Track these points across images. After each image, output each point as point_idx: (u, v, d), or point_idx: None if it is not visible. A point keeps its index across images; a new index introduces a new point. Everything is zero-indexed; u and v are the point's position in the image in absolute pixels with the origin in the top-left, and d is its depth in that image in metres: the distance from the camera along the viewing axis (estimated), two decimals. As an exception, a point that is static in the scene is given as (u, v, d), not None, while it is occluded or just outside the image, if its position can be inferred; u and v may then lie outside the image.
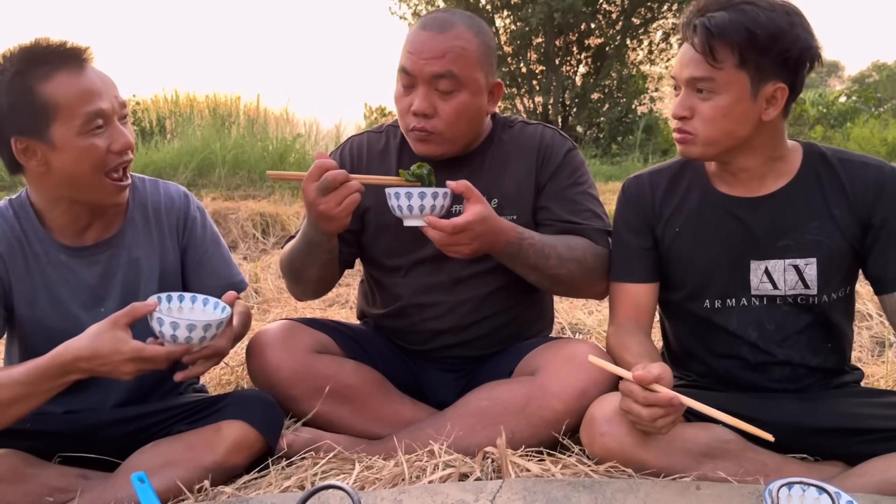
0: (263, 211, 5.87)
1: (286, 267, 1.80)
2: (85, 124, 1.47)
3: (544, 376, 1.63)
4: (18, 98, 1.45)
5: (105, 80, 1.53)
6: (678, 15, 16.30)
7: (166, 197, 1.74)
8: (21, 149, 1.48)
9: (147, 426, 1.62)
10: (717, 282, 1.61)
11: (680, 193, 1.66)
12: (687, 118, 1.50)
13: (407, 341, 1.90)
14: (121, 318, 1.39)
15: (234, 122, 10.10)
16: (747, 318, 1.60)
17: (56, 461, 1.59)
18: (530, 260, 1.64)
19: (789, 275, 1.56)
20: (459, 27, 1.68)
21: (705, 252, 1.61)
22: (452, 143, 1.72)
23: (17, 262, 1.55)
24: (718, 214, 1.60)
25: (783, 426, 1.49)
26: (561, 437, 1.59)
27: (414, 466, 1.51)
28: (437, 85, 1.66)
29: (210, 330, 1.43)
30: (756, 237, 1.57)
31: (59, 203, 1.58)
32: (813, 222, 1.54)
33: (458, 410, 1.67)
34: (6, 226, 1.59)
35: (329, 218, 1.53)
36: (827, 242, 1.54)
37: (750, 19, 1.41)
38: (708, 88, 1.46)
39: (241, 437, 1.54)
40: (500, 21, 16.96)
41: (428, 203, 1.53)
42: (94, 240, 1.64)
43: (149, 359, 1.38)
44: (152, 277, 1.66)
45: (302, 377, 1.71)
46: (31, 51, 1.48)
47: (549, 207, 1.78)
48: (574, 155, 1.84)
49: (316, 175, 1.52)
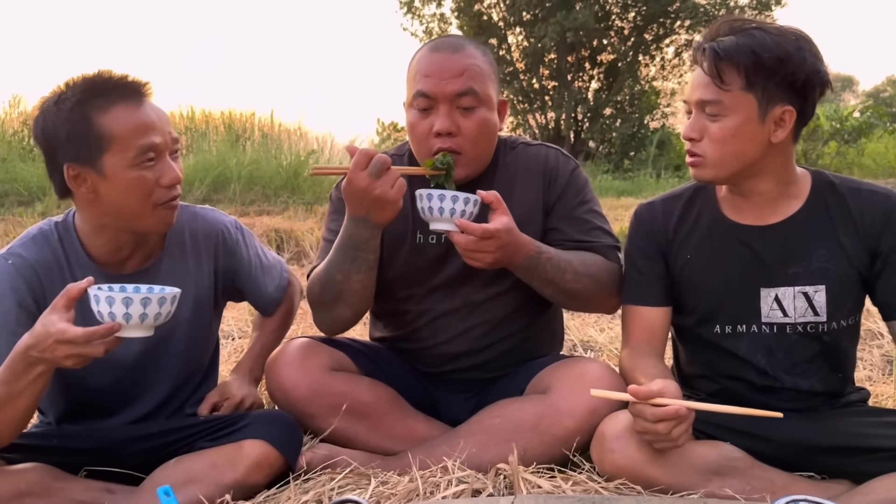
0: (278, 226, 5.93)
1: (321, 290, 1.75)
2: (137, 157, 1.52)
3: (556, 395, 1.66)
4: (76, 127, 1.50)
5: (161, 115, 1.58)
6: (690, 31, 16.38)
7: (203, 224, 1.79)
8: (73, 175, 1.53)
9: (170, 442, 1.66)
10: (728, 308, 1.64)
11: (691, 220, 1.69)
12: (696, 140, 1.54)
13: (420, 363, 1.93)
14: (58, 301, 1.38)
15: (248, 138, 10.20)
16: (757, 345, 1.63)
17: (82, 475, 1.63)
18: (547, 274, 1.68)
19: (799, 302, 1.58)
20: (469, 47, 1.74)
21: (715, 279, 1.64)
22: (476, 163, 1.76)
23: (55, 285, 1.56)
24: (728, 242, 1.64)
25: (790, 444, 1.53)
26: (572, 454, 1.62)
27: (428, 482, 1.55)
28: (458, 103, 1.69)
29: (151, 306, 1.37)
30: (766, 265, 1.60)
31: (105, 231, 1.62)
32: (821, 250, 1.57)
33: (472, 428, 1.71)
34: (48, 249, 1.63)
35: (385, 202, 1.56)
36: (835, 270, 1.57)
37: (757, 43, 1.46)
38: (716, 111, 1.50)
39: (263, 457, 1.57)
40: (513, 38, 17.06)
41: (459, 207, 1.55)
42: (134, 268, 1.68)
43: (71, 340, 1.33)
44: (185, 304, 1.70)
45: (319, 395, 1.74)
46: (94, 82, 1.53)
47: (559, 228, 1.82)
48: (578, 174, 1.88)
49: (364, 162, 1.54)
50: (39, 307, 1.56)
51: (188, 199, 7.17)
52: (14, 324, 1.54)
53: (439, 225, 1.58)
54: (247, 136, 10.30)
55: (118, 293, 1.36)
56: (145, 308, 1.37)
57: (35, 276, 1.60)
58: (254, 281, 1.90)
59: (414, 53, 1.80)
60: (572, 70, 16.66)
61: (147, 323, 1.39)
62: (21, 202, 6.72)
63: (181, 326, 1.72)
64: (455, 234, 1.57)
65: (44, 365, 1.39)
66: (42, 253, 1.62)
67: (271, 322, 1.99)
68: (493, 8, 17.00)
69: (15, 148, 7.99)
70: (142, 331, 1.40)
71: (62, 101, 1.52)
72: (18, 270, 1.59)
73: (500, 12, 16.93)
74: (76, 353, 1.35)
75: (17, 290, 1.58)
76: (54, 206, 5.99)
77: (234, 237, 1.84)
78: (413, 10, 17.61)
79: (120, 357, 1.65)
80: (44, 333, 1.35)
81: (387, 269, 1.86)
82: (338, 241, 1.69)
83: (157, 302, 1.38)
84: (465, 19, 17.04)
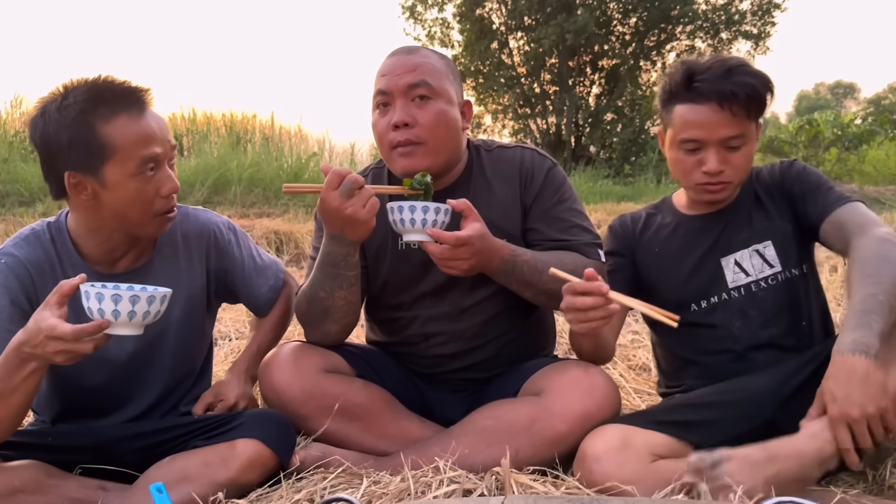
0: (278, 229, 5.95)
1: (308, 308, 1.78)
2: (139, 167, 1.54)
3: (549, 398, 1.67)
4: (78, 135, 1.50)
5: (161, 124, 1.59)
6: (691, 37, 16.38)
7: (195, 225, 1.81)
8: (73, 183, 1.54)
9: (164, 441, 1.67)
10: (697, 285, 1.83)
11: (656, 223, 1.95)
12: (723, 171, 1.73)
13: (413, 365, 1.95)
14: (51, 297, 1.39)
15: (249, 140, 10.23)
16: (730, 310, 1.80)
17: (77, 473, 1.64)
18: (525, 276, 1.69)
19: (755, 259, 1.80)
20: (425, 51, 1.83)
21: (682, 263, 1.85)
22: (436, 155, 1.77)
23: (47, 284, 1.57)
24: (689, 231, 1.88)
25: (761, 394, 1.61)
26: (560, 460, 1.62)
27: (420, 482, 1.55)
28: (412, 94, 1.74)
29: (139, 304, 1.38)
30: (720, 238, 1.83)
31: (100, 233, 1.64)
32: (757, 214, 1.83)
33: (464, 428, 1.71)
34: (41, 249, 1.64)
35: (356, 222, 1.58)
36: (772, 226, 1.81)
37: (760, 81, 1.70)
38: (740, 143, 1.72)
39: (256, 456, 1.58)
40: (514, 42, 17.08)
41: (430, 217, 1.57)
42: (126, 268, 1.70)
43: (60, 336, 1.34)
44: (177, 304, 1.72)
45: (311, 396, 1.75)
46: (97, 89, 1.54)
47: (537, 228, 1.83)
48: (555, 173, 1.89)
49: (336, 182, 1.57)
50: (32, 306, 1.57)
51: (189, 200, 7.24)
52: (7, 321, 1.56)
53: (412, 236, 1.60)
54: (248, 139, 10.33)
55: (108, 290, 1.37)
56: (134, 306, 1.37)
57: (27, 275, 1.61)
58: (247, 281, 1.91)
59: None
60: (573, 75, 16.68)
61: (136, 321, 1.39)
62: (22, 202, 6.75)
63: (173, 326, 1.74)
64: (429, 244, 1.59)
65: (36, 361, 1.40)
66: (34, 252, 1.64)
67: (268, 322, 2.01)
68: (495, 12, 17.03)
69: (16, 149, 8.02)
70: (130, 329, 1.40)
71: (64, 107, 1.52)
72: (11, 269, 1.60)
73: (501, 17, 16.96)
74: (66, 349, 1.36)
75: (10, 288, 1.59)
76: (55, 206, 6.01)
77: (227, 237, 1.86)
78: (415, 15, 17.66)
79: (113, 356, 1.68)
80: (35, 329, 1.36)
81: (373, 279, 1.89)
82: (318, 259, 1.73)
83: (146, 300, 1.39)
84: (466, 24, 17.08)
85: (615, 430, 1.57)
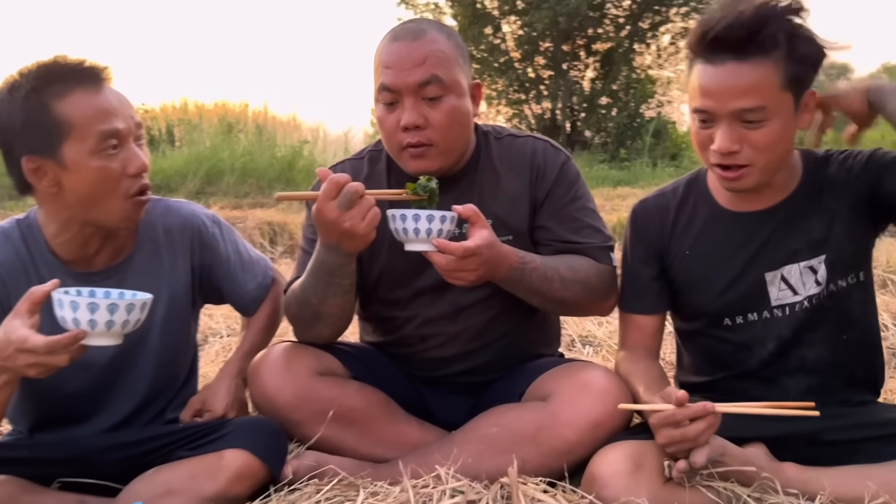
0: (272, 220, 5.88)
1: (299, 310, 1.68)
2: (98, 143, 1.44)
3: (556, 404, 1.58)
4: (32, 115, 1.42)
5: (122, 99, 1.50)
6: (686, 19, 16.26)
7: (178, 218, 1.72)
8: (32, 168, 1.45)
9: (148, 451, 1.58)
10: (735, 299, 1.59)
11: (686, 215, 1.65)
12: (737, 152, 1.43)
13: (410, 367, 1.86)
14: (21, 305, 1.30)
15: (241, 130, 10.14)
16: (767, 330, 1.58)
17: (55, 487, 1.56)
18: (533, 285, 1.60)
19: (806, 277, 1.55)
20: (432, 32, 1.65)
21: (718, 271, 1.60)
22: (448, 155, 1.67)
23: (20, 286, 1.48)
24: (728, 232, 1.60)
25: (798, 437, 1.49)
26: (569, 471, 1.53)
27: (420, 493, 1.47)
28: (423, 93, 1.60)
29: (118, 313, 1.28)
30: (768, 248, 1.56)
31: (70, 226, 1.54)
32: (816, 222, 1.54)
33: (467, 436, 1.63)
34: (11, 249, 1.56)
35: (354, 235, 1.46)
36: (832, 235, 1.54)
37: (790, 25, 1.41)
38: (759, 117, 1.40)
39: (244, 467, 1.50)
40: (508, 26, 16.97)
41: (435, 227, 1.46)
42: (103, 265, 1.61)
43: (32, 350, 1.25)
44: (160, 301, 1.63)
45: (304, 401, 1.66)
46: (49, 69, 1.46)
47: (548, 227, 1.73)
48: (569, 167, 1.78)
49: (333, 192, 1.43)
50: (4, 310, 1.47)
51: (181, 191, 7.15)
52: None
53: (415, 246, 1.49)
54: (240, 128, 10.25)
55: (83, 298, 1.28)
56: (112, 315, 1.28)
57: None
58: (232, 277, 1.81)
59: (379, 42, 1.70)
60: (568, 59, 16.57)
61: (114, 331, 1.30)
62: (12, 196, 6.65)
63: (156, 325, 1.65)
64: (433, 254, 1.47)
65: (7, 374, 1.32)
66: (4, 252, 1.55)
67: (259, 321, 1.91)
68: (488, -4, 16.88)
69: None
70: (109, 339, 1.31)
71: (15, 89, 1.44)
72: None
73: (493, 0, 16.80)
74: (38, 362, 1.28)
75: None
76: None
77: (212, 231, 1.77)
78: (407, 0, 17.48)
79: (92, 360, 1.58)
80: (5, 341, 1.27)
81: (368, 271, 1.78)
82: (311, 265, 1.61)
83: (125, 308, 1.30)
84: (458, 8, 16.93)
85: (625, 449, 1.45)
